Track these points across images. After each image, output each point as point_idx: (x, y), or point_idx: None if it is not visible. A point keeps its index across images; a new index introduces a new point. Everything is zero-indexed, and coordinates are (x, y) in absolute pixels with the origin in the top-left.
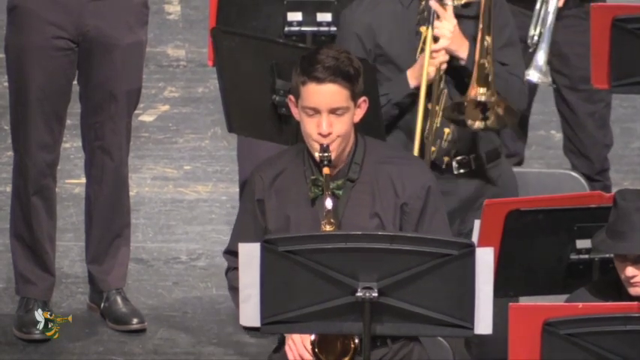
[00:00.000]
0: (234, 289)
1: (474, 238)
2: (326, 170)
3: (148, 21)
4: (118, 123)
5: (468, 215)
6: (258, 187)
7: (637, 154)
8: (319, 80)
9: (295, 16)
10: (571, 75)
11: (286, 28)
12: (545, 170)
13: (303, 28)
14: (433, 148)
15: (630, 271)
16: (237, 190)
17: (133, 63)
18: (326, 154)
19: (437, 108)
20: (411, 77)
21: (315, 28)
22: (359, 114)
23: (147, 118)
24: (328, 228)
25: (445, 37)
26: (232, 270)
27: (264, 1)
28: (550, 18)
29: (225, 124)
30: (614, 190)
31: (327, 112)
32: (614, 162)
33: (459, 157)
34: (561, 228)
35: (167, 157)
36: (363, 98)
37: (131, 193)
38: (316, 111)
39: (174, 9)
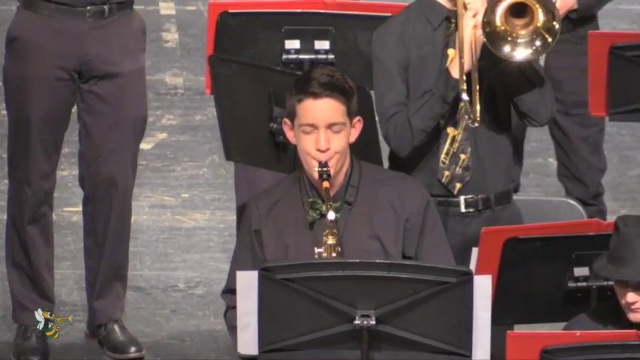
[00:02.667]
0: (233, 328)
1: (472, 266)
2: (326, 184)
3: (145, 48)
4: (123, 153)
5: (469, 255)
6: (255, 218)
7: (635, 182)
8: (316, 95)
9: (293, 44)
10: (564, 100)
11: (284, 56)
12: (542, 198)
13: (301, 56)
14: (447, 173)
15: (631, 297)
16: (235, 218)
17: (136, 89)
18: (325, 169)
19: (456, 132)
20: (452, 69)
21: (312, 56)
22: (354, 134)
23: (145, 145)
24: (331, 240)
25: (479, 6)
26: (231, 309)
27: (262, 28)
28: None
29: (223, 152)
30: (610, 216)
31: (324, 128)
32: (612, 190)
33: (467, 197)
34: (559, 256)
35: (165, 185)
36: (357, 118)
37: None
38: (314, 127)
39: (172, 37)
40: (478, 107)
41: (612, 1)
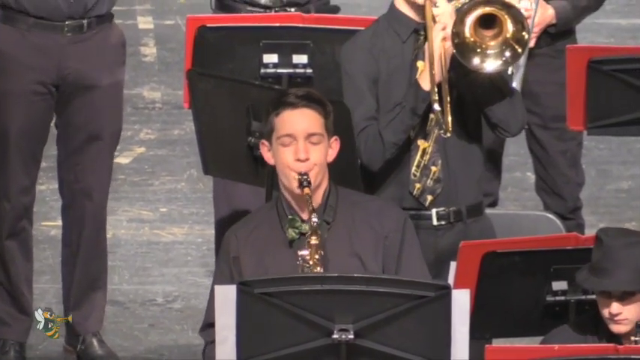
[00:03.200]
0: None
1: (450, 280)
2: (307, 190)
3: (125, 61)
4: (99, 164)
5: (443, 269)
6: (233, 246)
7: (613, 196)
8: (294, 105)
9: (271, 58)
10: (542, 114)
11: (262, 70)
12: (520, 212)
13: (279, 70)
14: (418, 185)
15: (615, 307)
16: (213, 232)
17: (113, 103)
18: (305, 177)
19: (427, 145)
20: (422, 81)
21: (291, 70)
22: (332, 154)
23: (123, 160)
24: (314, 240)
25: (445, 12)
26: (210, 344)
27: (240, 43)
28: (522, 57)
29: (201, 166)
30: (588, 230)
31: (303, 139)
32: (590, 204)
33: (439, 209)
34: (537, 270)
35: (143, 200)
36: (334, 137)
37: (107, 236)
38: (292, 137)
39: (150, 51)
40: (449, 118)
41: (590, 15)
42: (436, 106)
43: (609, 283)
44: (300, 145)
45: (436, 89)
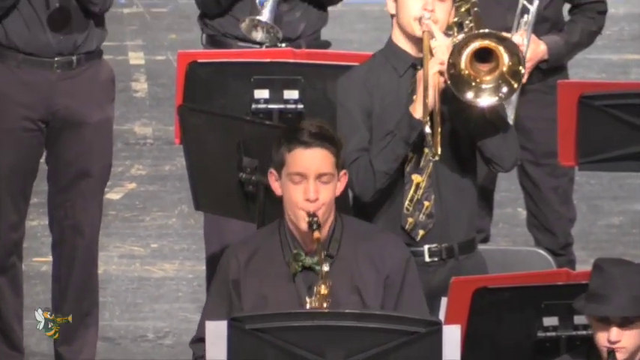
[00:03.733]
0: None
1: (441, 316)
2: (317, 234)
3: (114, 97)
4: (89, 201)
5: (436, 305)
6: (233, 268)
7: (604, 232)
8: (307, 144)
9: (262, 94)
10: (534, 150)
11: (253, 106)
12: (511, 247)
13: (270, 106)
14: (411, 220)
15: (615, 334)
16: (204, 268)
17: (103, 140)
18: (315, 219)
19: (420, 179)
20: (414, 110)
21: (282, 106)
22: (340, 187)
23: (114, 196)
24: (323, 290)
25: (442, 45)
26: (200, 359)
27: (231, 78)
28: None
29: (192, 202)
30: (579, 266)
31: (314, 178)
32: (581, 239)
33: (431, 246)
34: (528, 306)
35: (134, 235)
36: (343, 172)
37: (98, 272)
38: (303, 177)
39: (141, 87)
40: (439, 141)
41: (581, 51)
42: (427, 129)
43: (609, 309)
44: (311, 186)
45: (428, 117)
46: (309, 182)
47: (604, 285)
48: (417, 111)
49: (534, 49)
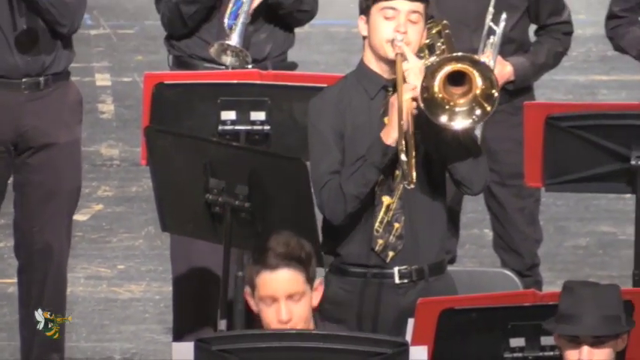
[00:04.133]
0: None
1: (408, 337)
2: None
3: (82, 118)
4: (59, 222)
5: (404, 327)
6: None
7: (570, 253)
8: (272, 267)
9: (229, 115)
10: (500, 171)
11: (220, 127)
12: (478, 269)
13: (237, 127)
14: (381, 241)
15: (587, 352)
16: (171, 289)
17: (72, 161)
18: None
19: (391, 201)
20: (385, 136)
21: (249, 127)
22: (316, 297)
23: (80, 217)
24: None
25: (415, 67)
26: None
27: (198, 99)
28: None
29: (159, 223)
30: (545, 287)
31: (284, 299)
32: (548, 260)
33: (401, 267)
34: (495, 327)
35: (101, 257)
36: (319, 280)
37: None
38: (274, 299)
39: (107, 108)
40: (414, 169)
41: (548, 72)
42: (403, 157)
43: (581, 329)
44: (282, 308)
45: (404, 142)
46: (280, 304)
47: (574, 305)
48: (389, 136)
49: (500, 70)
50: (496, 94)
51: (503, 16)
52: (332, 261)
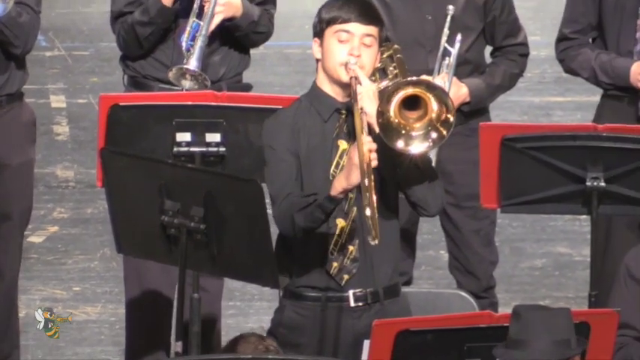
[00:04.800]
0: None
1: (364, 359)
2: None
3: (35, 139)
4: (9, 243)
5: (360, 350)
6: None
7: (526, 274)
8: None
9: (184, 137)
10: (456, 192)
11: (175, 149)
12: (434, 290)
13: (192, 149)
14: (336, 264)
15: None
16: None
17: (23, 182)
18: None
19: (345, 224)
20: (337, 186)
21: (204, 149)
22: None
23: (36, 239)
24: None
25: (369, 91)
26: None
27: (153, 121)
28: None
29: (115, 245)
30: (501, 308)
31: None
32: (504, 282)
33: (356, 291)
34: (451, 348)
35: (56, 279)
36: None
37: (20, 315)
38: None
39: (62, 129)
40: (377, 225)
41: (503, 94)
42: (367, 212)
43: (528, 354)
44: None
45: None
46: None
47: (523, 331)
48: (340, 187)
49: (456, 91)
50: (452, 119)
51: (459, 37)
52: (286, 284)
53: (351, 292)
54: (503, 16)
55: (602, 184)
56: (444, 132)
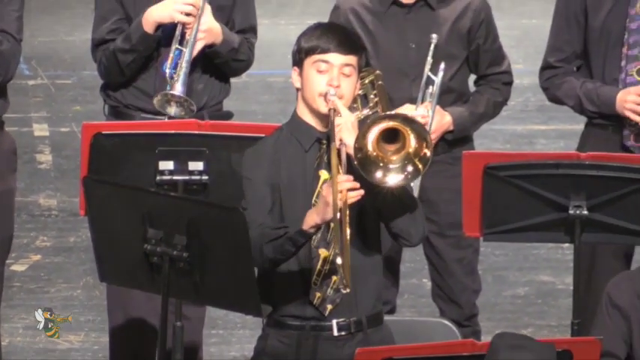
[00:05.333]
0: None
1: None
2: None
3: (16, 168)
4: None
5: None
6: None
7: (509, 302)
8: None
9: (167, 165)
10: (439, 221)
11: (158, 177)
12: (417, 318)
13: (175, 177)
14: (319, 294)
15: None
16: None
17: (4, 210)
18: None
19: (327, 254)
20: (309, 220)
21: (187, 177)
22: None
23: (18, 267)
24: None
25: (348, 122)
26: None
27: (136, 149)
28: None
29: (98, 274)
30: (484, 337)
31: None
32: (487, 310)
33: (339, 320)
34: None
35: (39, 307)
36: None
37: (3, 343)
38: None
39: (45, 158)
40: (349, 273)
41: (487, 122)
42: (338, 260)
43: None
44: None
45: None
46: None
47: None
48: (312, 222)
49: (439, 120)
50: (429, 154)
51: (442, 65)
52: (269, 312)
53: (334, 322)
54: (487, 45)
55: (585, 212)
56: (420, 166)
